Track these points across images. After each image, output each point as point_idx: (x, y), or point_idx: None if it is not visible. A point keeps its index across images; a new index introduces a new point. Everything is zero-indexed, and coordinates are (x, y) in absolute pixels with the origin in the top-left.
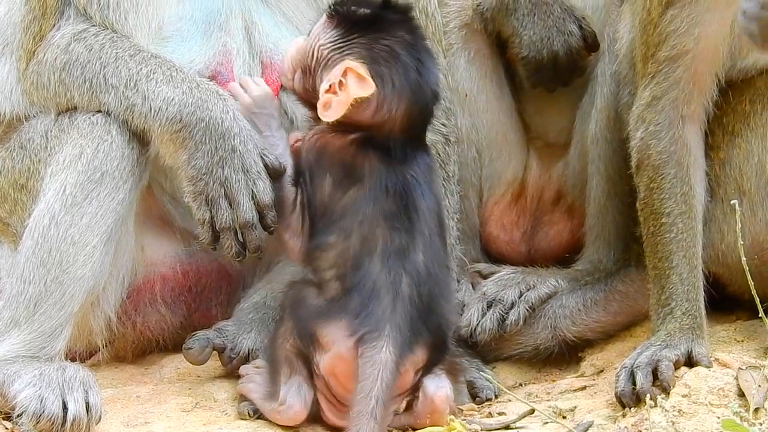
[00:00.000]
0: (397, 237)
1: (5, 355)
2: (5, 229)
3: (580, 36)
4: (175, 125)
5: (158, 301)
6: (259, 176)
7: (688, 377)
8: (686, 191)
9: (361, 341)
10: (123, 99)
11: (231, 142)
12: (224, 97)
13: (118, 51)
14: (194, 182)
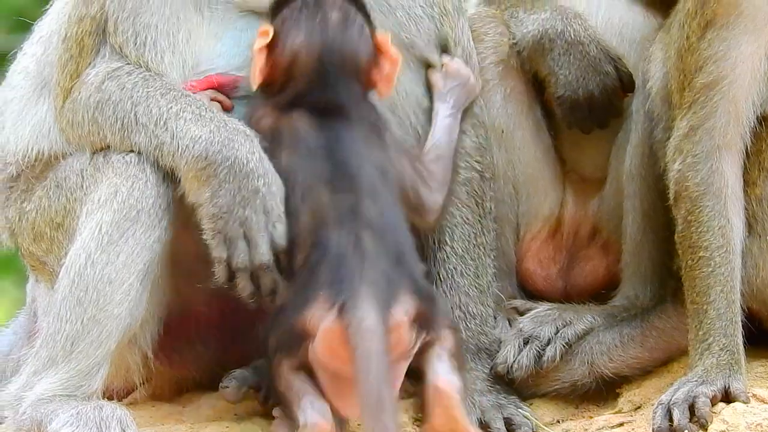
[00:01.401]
0: (344, 198)
1: (43, 394)
2: (42, 267)
3: (616, 76)
4: (200, 162)
5: (194, 338)
6: (279, 219)
7: (726, 413)
8: (724, 224)
9: (343, 310)
10: (153, 137)
11: (255, 183)
12: (251, 138)
13: (149, 90)
14: (214, 220)
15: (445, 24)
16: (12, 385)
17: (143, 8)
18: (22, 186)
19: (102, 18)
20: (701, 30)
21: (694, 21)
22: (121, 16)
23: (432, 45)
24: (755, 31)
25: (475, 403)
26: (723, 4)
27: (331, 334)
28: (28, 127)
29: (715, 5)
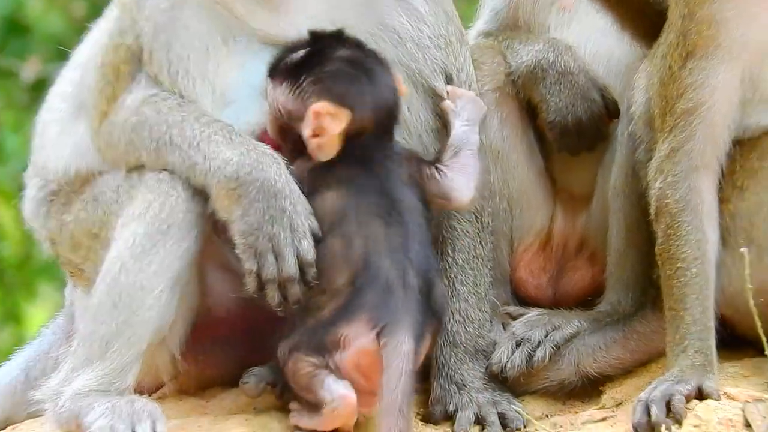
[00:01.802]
0: (394, 232)
1: (80, 389)
2: (79, 274)
3: (602, 104)
4: (231, 183)
5: (218, 341)
6: (305, 236)
7: (699, 409)
8: (700, 238)
9: (381, 333)
10: (186, 158)
11: (282, 203)
12: (278, 161)
13: (183, 114)
14: (245, 236)
15: (449, 54)
16: (52, 380)
17: (176, 40)
18: (62, 200)
19: (137, 48)
20: (682, 60)
21: (676, 52)
22: (155, 46)
23: (437, 74)
24: (731, 61)
25: (472, 399)
26: (703, 36)
27: (365, 354)
28: (67, 147)
29: (696, 37)
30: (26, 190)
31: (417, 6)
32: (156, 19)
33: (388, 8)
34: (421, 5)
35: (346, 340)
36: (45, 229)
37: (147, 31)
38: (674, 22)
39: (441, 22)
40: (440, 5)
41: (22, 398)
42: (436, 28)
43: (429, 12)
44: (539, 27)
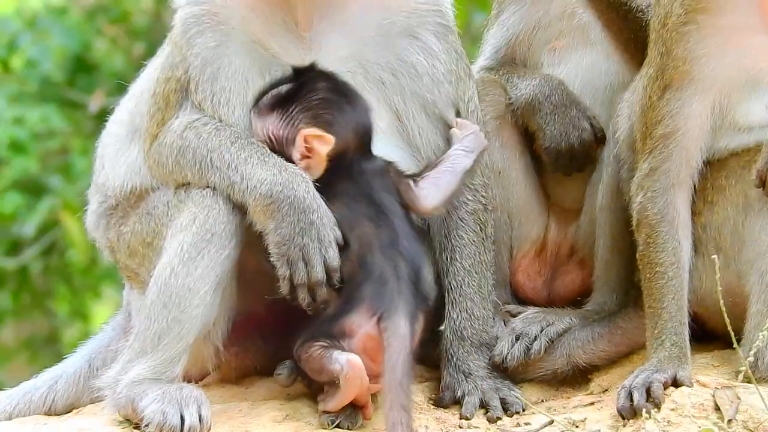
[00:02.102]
0: (383, 232)
1: (135, 378)
2: (135, 277)
3: (591, 132)
4: (266, 200)
5: (255, 336)
6: (330, 245)
7: (675, 395)
8: (675, 246)
9: (381, 319)
10: (225, 178)
11: (310, 216)
12: (306, 180)
13: (221, 139)
14: (278, 246)
15: (459, 88)
16: (111, 370)
17: (220, 74)
18: (120, 213)
19: (185, 80)
20: (661, 91)
21: (656, 84)
22: (201, 78)
23: (449, 105)
24: (703, 93)
25: (477, 386)
26: (678, 71)
27: (369, 339)
28: (123, 167)
29: (672, 72)
30: (89, 205)
31: (431, 45)
32: (204, 54)
33: (406, 47)
34: (435, 44)
35: (352, 329)
36: (105, 239)
37: (195, 65)
38: (654, 58)
39: (452, 59)
40: (451, 44)
41: (85, 386)
42: (449, 64)
43: (442, 50)
44: (534, 64)
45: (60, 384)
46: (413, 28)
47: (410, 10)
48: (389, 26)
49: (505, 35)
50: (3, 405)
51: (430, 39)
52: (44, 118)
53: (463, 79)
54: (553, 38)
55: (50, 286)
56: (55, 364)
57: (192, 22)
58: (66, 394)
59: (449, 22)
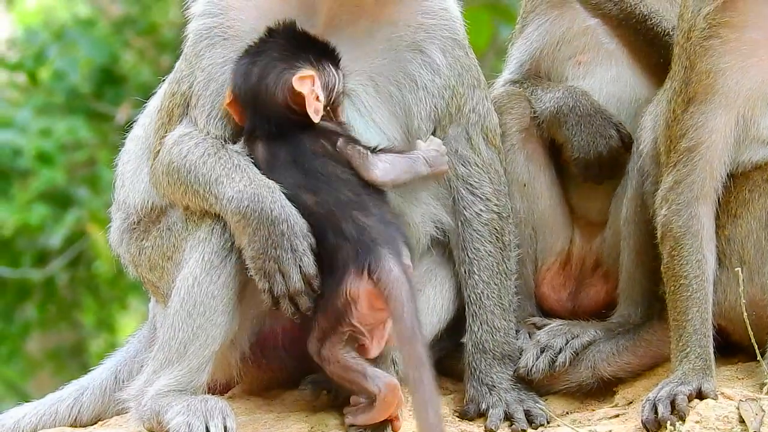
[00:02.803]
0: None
1: (160, 389)
2: (156, 290)
3: (618, 138)
4: (236, 216)
5: (279, 347)
6: (305, 253)
7: (699, 407)
8: (700, 259)
9: (371, 271)
10: (204, 200)
11: (280, 227)
12: (273, 190)
13: (196, 156)
14: (254, 260)
15: (452, 103)
16: (136, 382)
17: (224, 90)
18: (142, 228)
19: (189, 94)
20: (685, 104)
21: (679, 97)
22: (203, 94)
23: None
24: (727, 107)
25: (501, 398)
26: (702, 85)
27: (369, 292)
28: (142, 184)
29: (696, 85)
30: (112, 222)
31: (435, 59)
32: (210, 70)
33: (411, 60)
34: (439, 58)
35: (352, 294)
36: (128, 254)
37: (200, 80)
38: (677, 71)
39: (454, 74)
40: (457, 59)
41: (111, 398)
42: (448, 79)
43: (445, 65)
44: (559, 77)
45: (86, 396)
46: (420, 42)
47: (418, 24)
48: (397, 41)
49: (529, 49)
50: (29, 416)
51: (436, 53)
52: (71, 129)
53: (462, 95)
54: (578, 52)
55: (76, 297)
56: (81, 376)
57: (204, 35)
58: (92, 406)
59: (458, 36)
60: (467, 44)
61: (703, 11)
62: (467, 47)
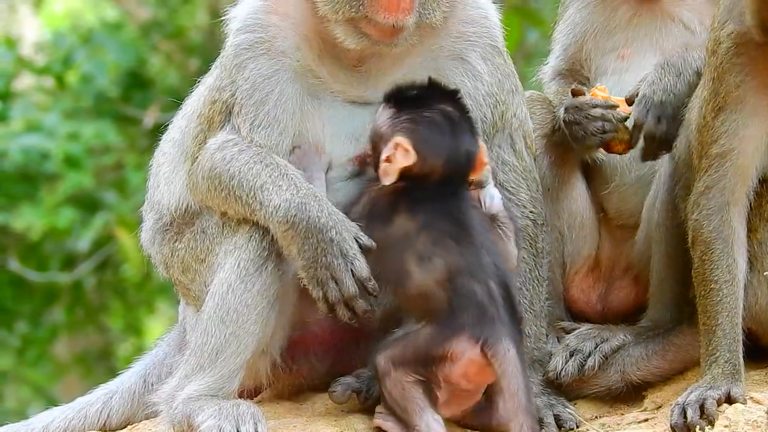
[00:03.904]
0: (469, 251)
1: (192, 394)
2: (188, 293)
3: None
4: (283, 226)
5: (310, 353)
6: (355, 257)
7: (728, 412)
8: (730, 263)
9: (485, 346)
10: (247, 206)
11: (328, 234)
12: (320, 198)
13: (240, 163)
14: (306, 269)
15: (496, 110)
16: (166, 385)
17: (268, 99)
18: (175, 230)
19: (231, 102)
20: (715, 113)
21: (709, 105)
22: (247, 102)
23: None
24: (758, 115)
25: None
26: (732, 96)
27: (473, 364)
28: (178, 186)
29: (725, 96)
30: (144, 222)
31: (477, 67)
32: (255, 80)
33: (453, 69)
34: (481, 66)
35: (454, 355)
36: (160, 254)
37: (244, 89)
38: (707, 80)
39: (495, 81)
40: (497, 66)
41: (140, 401)
42: (491, 86)
43: (486, 72)
44: (599, 69)
45: (115, 399)
46: (461, 51)
47: (458, 34)
48: (438, 51)
49: (573, 31)
50: (58, 421)
51: (477, 61)
52: (99, 133)
53: (504, 101)
54: (621, 45)
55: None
56: (108, 380)
57: (245, 49)
58: (121, 410)
59: (498, 43)
60: (505, 51)
61: (726, 28)
62: (506, 54)
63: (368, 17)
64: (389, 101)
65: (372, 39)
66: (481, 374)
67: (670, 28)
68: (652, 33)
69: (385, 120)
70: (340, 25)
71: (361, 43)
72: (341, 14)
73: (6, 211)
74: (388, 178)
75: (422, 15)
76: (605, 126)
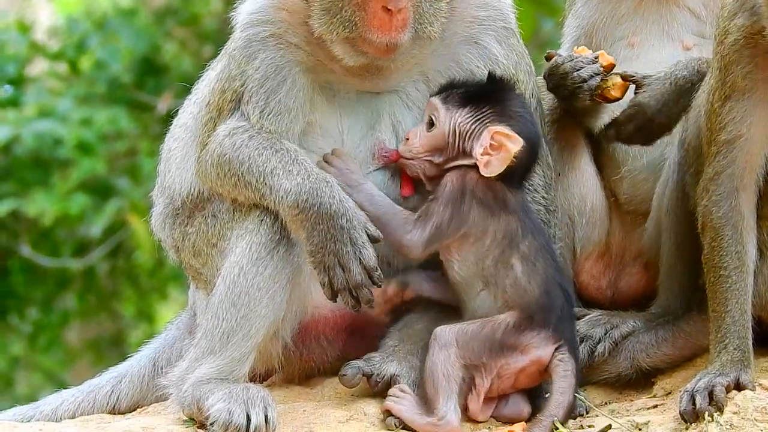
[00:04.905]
0: (550, 262)
1: (202, 377)
2: (199, 277)
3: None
4: (293, 211)
5: (321, 337)
6: (364, 246)
7: (737, 399)
8: (740, 250)
9: (558, 350)
10: (256, 191)
11: (339, 222)
12: (331, 184)
13: (251, 149)
14: (313, 254)
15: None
16: (176, 369)
17: (280, 89)
18: (186, 214)
19: (241, 91)
20: (722, 101)
21: (716, 94)
22: (258, 91)
23: None
24: (765, 103)
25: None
26: (738, 86)
27: (540, 361)
28: (189, 171)
29: (732, 86)
30: (155, 206)
31: (492, 50)
32: (266, 70)
33: (466, 53)
34: (496, 48)
35: (528, 348)
36: (170, 238)
37: (255, 78)
38: (714, 69)
39: (511, 63)
40: (512, 47)
41: (149, 385)
42: (508, 69)
43: (502, 54)
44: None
45: (124, 383)
46: (475, 35)
47: (471, 18)
48: (451, 37)
49: (582, 24)
50: (67, 403)
51: (492, 44)
52: (112, 119)
53: (522, 81)
54: (629, 34)
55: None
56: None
57: (257, 42)
58: (130, 393)
59: (511, 25)
60: (518, 31)
61: (737, 20)
62: (518, 34)
63: (363, 36)
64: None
65: (369, 56)
66: (536, 375)
67: (676, 15)
68: (660, 20)
69: (465, 117)
70: (337, 45)
71: (359, 60)
72: (336, 35)
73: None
74: (494, 169)
75: (418, 30)
76: (582, 73)
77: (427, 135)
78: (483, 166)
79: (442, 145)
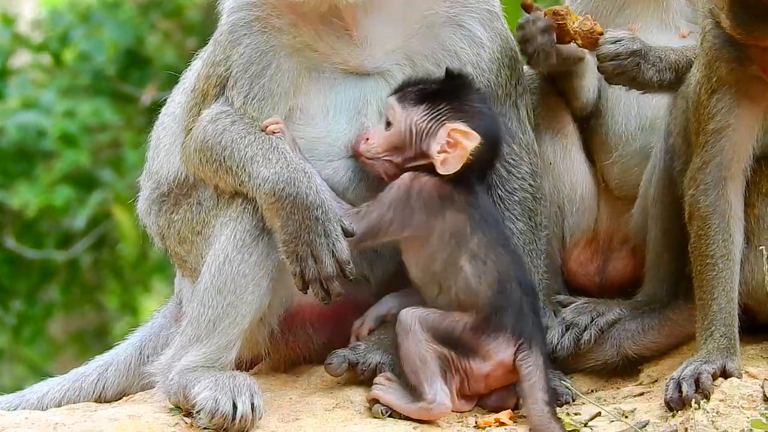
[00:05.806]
0: (508, 258)
1: (188, 365)
2: (184, 264)
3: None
4: (270, 199)
5: (307, 324)
6: (338, 239)
7: (724, 386)
8: (726, 238)
9: (519, 350)
10: (236, 177)
11: (314, 213)
12: (309, 175)
13: (233, 134)
14: (286, 244)
15: (500, 75)
16: (162, 357)
17: (265, 73)
18: (172, 201)
19: (226, 76)
20: (709, 93)
21: (703, 87)
22: (242, 76)
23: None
24: (751, 97)
25: None
26: (723, 80)
27: (501, 367)
28: (177, 157)
29: (717, 80)
30: (141, 192)
31: (476, 32)
32: (250, 55)
33: (450, 35)
34: (480, 31)
35: (489, 354)
36: (156, 225)
37: (240, 63)
38: (700, 63)
39: (497, 46)
40: (497, 31)
41: (135, 373)
42: (492, 52)
43: (487, 37)
44: None
45: (110, 371)
46: (458, 17)
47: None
48: (433, 17)
49: (583, 11)
50: (53, 392)
51: (475, 26)
52: (96, 111)
53: (508, 66)
54: (629, 21)
55: (100, 279)
56: None
57: (241, 26)
58: (116, 381)
59: (495, 8)
60: (502, 15)
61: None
62: (503, 19)
63: None
64: (411, 98)
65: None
66: (506, 376)
67: (671, 2)
68: (658, 8)
69: (420, 115)
70: None
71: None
72: None
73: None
74: (451, 167)
75: None
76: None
77: (385, 135)
78: (440, 164)
79: (401, 144)
